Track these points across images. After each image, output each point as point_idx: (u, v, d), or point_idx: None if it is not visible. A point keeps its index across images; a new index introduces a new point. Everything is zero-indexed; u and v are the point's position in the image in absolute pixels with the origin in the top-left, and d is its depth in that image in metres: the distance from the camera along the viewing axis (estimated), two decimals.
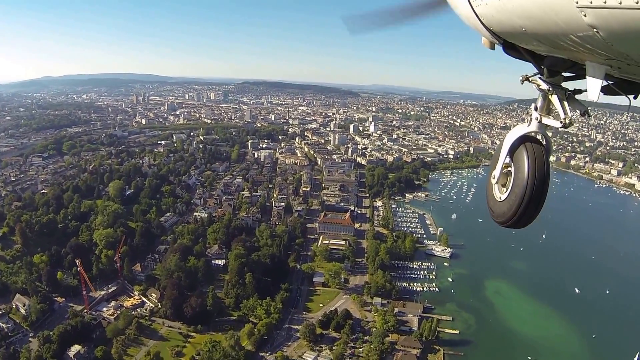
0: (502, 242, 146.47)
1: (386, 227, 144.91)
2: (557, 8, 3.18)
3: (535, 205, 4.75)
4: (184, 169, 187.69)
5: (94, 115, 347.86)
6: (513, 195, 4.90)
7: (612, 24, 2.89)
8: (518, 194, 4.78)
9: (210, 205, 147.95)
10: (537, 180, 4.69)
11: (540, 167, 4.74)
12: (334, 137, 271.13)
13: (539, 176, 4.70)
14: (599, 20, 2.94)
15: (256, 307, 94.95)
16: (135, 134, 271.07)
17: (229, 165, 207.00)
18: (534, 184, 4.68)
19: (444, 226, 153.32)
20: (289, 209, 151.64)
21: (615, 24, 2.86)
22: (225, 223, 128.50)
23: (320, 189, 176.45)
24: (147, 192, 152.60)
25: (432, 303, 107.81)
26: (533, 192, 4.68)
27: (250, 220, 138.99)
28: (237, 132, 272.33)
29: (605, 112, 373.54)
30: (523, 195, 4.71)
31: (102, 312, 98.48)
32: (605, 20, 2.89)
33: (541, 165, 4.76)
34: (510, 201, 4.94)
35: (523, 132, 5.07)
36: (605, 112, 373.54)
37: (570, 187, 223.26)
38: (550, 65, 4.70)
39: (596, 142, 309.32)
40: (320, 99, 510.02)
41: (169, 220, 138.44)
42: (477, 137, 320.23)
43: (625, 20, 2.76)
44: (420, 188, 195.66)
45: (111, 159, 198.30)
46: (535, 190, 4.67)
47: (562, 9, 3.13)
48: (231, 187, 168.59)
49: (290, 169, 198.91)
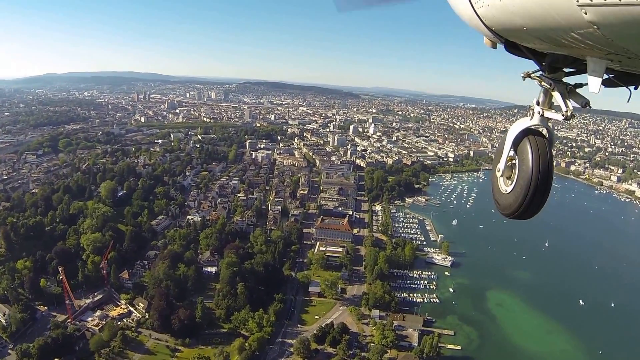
0: (504, 250, 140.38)
1: (385, 233, 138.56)
2: (557, 7, 3.21)
3: (541, 197, 4.71)
4: (180, 169, 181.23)
5: (94, 112, 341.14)
6: (518, 187, 4.86)
7: (612, 21, 2.91)
8: (523, 186, 4.75)
9: (204, 208, 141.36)
10: (542, 172, 4.65)
11: (544, 159, 4.71)
12: (333, 138, 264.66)
13: (543, 168, 4.67)
14: (599, 17, 2.96)
15: (248, 320, 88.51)
16: (133, 132, 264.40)
17: (226, 166, 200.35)
18: (539, 176, 4.64)
19: (444, 233, 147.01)
20: (285, 213, 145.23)
21: (615, 20, 2.88)
22: (219, 228, 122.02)
23: (318, 192, 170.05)
24: (139, 193, 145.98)
25: (433, 316, 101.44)
26: (538, 184, 4.64)
27: (245, 225, 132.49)
28: (236, 132, 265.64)
29: (603, 117, 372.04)
30: (528, 187, 4.68)
31: (86, 322, 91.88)
32: (605, 17, 2.92)
33: (545, 157, 4.72)
34: (515, 193, 4.91)
35: (526, 126, 5.01)
36: (603, 117, 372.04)
37: (571, 193, 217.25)
38: (551, 62, 4.68)
39: (595, 148, 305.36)
40: (320, 100, 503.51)
41: (161, 223, 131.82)
42: (476, 140, 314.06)
43: (625, 16, 2.78)
44: (420, 192, 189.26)
45: (106, 157, 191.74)
46: (539, 182, 4.64)
47: (563, 8, 3.15)
48: (227, 189, 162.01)
49: (288, 171, 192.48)
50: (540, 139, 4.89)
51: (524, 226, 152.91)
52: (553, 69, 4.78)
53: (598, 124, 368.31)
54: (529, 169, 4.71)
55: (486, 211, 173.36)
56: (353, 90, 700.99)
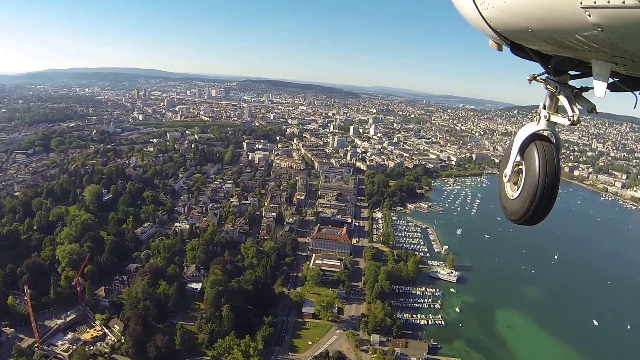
0: (512, 262, 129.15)
1: (386, 244, 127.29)
2: (562, 9, 3.17)
3: (547, 203, 4.56)
4: (172, 171, 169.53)
5: (92, 109, 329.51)
6: (525, 193, 4.70)
7: (616, 23, 2.87)
8: (530, 192, 4.59)
9: (194, 214, 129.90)
10: (548, 177, 4.50)
11: (550, 165, 4.54)
12: (333, 139, 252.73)
13: (549, 174, 4.51)
14: (603, 20, 2.92)
15: (233, 348, 77.36)
16: (128, 130, 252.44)
17: (221, 167, 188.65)
18: (545, 182, 4.49)
19: (449, 243, 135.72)
20: (280, 220, 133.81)
21: (619, 23, 2.84)
22: (207, 238, 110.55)
23: (316, 196, 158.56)
24: (126, 198, 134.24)
25: (439, 340, 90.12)
26: (544, 190, 4.49)
27: (237, 234, 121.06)
28: (234, 131, 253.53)
29: (604, 121, 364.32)
30: (535, 193, 4.53)
31: (55, 346, 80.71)
32: (609, 20, 2.88)
33: (552, 163, 4.55)
34: (522, 199, 4.74)
35: (533, 131, 4.87)
36: (604, 121, 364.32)
37: (576, 200, 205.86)
38: (556, 64, 4.58)
39: (597, 152, 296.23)
40: (321, 98, 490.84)
41: (146, 231, 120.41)
42: (478, 142, 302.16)
43: (629, 19, 2.74)
44: (422, 198, 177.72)
45: (97, 157, 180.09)
46: (546, 188, 4.49)
47: (567, 10, 3.11)
48: (219, 193, 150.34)
49: (285, 173, 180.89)
50: (548, 145, 4.65)
51: (531, 235, 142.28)
52: (558, 71, 4.60)
53: (599, 127, 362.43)
54: (535, 175, 4.52)
55: (491, 219, 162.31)
56: (353, 89, 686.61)
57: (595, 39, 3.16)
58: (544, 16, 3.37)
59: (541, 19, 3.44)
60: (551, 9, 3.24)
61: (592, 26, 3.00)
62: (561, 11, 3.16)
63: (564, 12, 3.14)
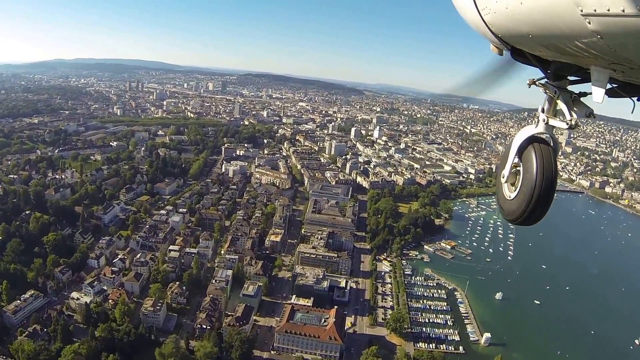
0: (580, 353, 77.31)
1: (398, 331, 75.19)
2: (562, 16, 3.04)
3: (543, 204, 4.36)
4: (112, 191, 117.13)
5: (71, 102, 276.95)
6: (522, 194, 4.51)
7: (615, 31, 2.77)
8: (527, 193, 4.40)
9: (107, 276, 77.94)
10: (545, 179, 4.30)
11: (547, 167, 4.35)
12: (331, 144, 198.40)
13: (546, 176, 4.32)
14: (603, 27, 2.81)
15: None
16: (93, 129, 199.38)
17: (183, 184, 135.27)
18: (542, 184, 4.29)
19: (488, 322, 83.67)
20: (239, 280, 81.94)
21: (618, 30, 2.73)
22: (102, 334, 58.73)
23: (298, 236, 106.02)
24: (17, 244, 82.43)
25: None
26: (541, 192, 4.28)
27: (161, 318, 69.33)
28: (215, 132, 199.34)
29: (618, 127, 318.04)
30: (532, 194, 4.33)
31: None
32: (609, 27, 2.77)
33: (549, 166, 4.36)
34: (519, 200, 4.54)
35: (531, 133, 4.68)
36: (618, 127, 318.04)
37: (627, 233, 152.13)
38: (556, 69, 4.39)
39: (621, 163, 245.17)
40: (323, 95, 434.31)
41: (20, 309, 68.90)
42: (492, 148, 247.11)
43: (628, 27, 2.63)
44: (442, 231, 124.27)
45: (25, 169, 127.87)
46: (543, 189, 4.28)
47: (567, 17, 3.00)
48: (161, 231, 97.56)
49: (264, 194, 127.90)
50: (545, 147, 4.47)
51: (596, 305, 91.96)
52: (558, 76, 4.42)
53: (614, 133, 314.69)
54: (533, 177, 4.32)
55: (537, 268, 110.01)
56: (356, 85, 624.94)
57: (595, 46, 3.04)
58: (544, 22, 3.22)
59: (542, 25, 3.27)
60: (552, 15, 3.09)
61: (592, 33, 2.89)
62: (562, 18, 3.02)
63: (564, 19, 3.00)
